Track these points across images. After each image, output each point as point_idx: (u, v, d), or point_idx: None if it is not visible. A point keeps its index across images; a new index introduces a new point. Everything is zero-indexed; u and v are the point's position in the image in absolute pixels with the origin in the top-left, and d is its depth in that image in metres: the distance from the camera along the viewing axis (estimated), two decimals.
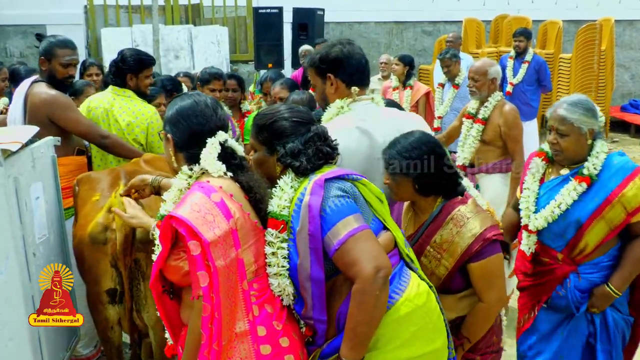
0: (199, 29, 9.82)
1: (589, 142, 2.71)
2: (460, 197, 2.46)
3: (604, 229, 2.68)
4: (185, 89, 4.89)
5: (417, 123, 2.67)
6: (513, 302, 4.64)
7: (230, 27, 10.35)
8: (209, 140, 2.09)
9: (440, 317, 2.18)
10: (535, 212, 2.83)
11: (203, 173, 2.11)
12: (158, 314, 2.65)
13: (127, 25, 9.98)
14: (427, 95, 6.89)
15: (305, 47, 8.53)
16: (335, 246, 1.95)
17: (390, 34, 12.42)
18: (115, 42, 9.25)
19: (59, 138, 3.05)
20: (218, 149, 2.09)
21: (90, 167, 3.87)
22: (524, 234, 2.86)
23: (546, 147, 2.87)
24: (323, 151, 2.13)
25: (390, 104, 3.18)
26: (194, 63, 10.04)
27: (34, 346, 2.52)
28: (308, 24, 9.86)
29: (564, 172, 2.80)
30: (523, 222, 2.86)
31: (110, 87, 3.91)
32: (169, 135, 2.15)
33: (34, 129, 2.90)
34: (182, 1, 10.45)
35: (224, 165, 2.07)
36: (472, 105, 4.59)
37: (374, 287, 1.89)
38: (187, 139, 2.11)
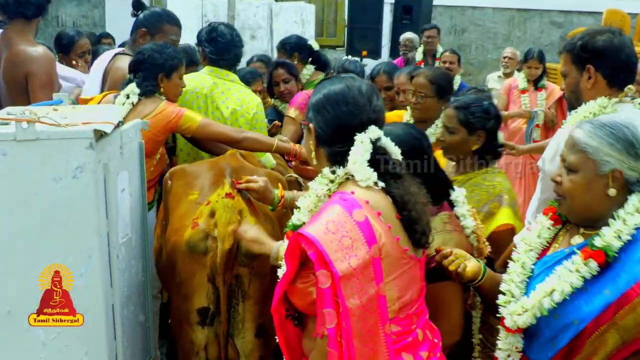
0: (281, 5, 9.96)
1: (611, 191, 2.06)
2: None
3: (616, 342, 2.01)
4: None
5: None
6: None
7: (318, 5, 10.43)
8: (358, 137, 2.03)
9: None
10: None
11: (348, 179, 2.06)
12: (255, 341, 2.72)
13: None
14: (560, 101, 6.78)
15: (408, 36, 8.52)
16: None
17: (510, 24, 12.26)
18: (182, 15, 9.43)
19: (148, 121, 3.13)
20: (369, 149, 2.03)
21: (171, 159, 3.96)
22: (501, 331, 2.26)
23: None
24: None
25: None
26: (272, 45, 10.17)
27: None
28: (413, 6, 9.84)
29: (578, 240, 2.18)
30: (501, 311, 2.24)
31: (209, 67, 3.98)
32: (311, 125, 2.12)
33: (120, 110, 2.99)
34: None
35: (374, 173, 2.01)
36: None
37: None
38: (332, 131, 2.07)
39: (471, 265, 2.28)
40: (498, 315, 2.25)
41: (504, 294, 2.23)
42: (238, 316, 2.76)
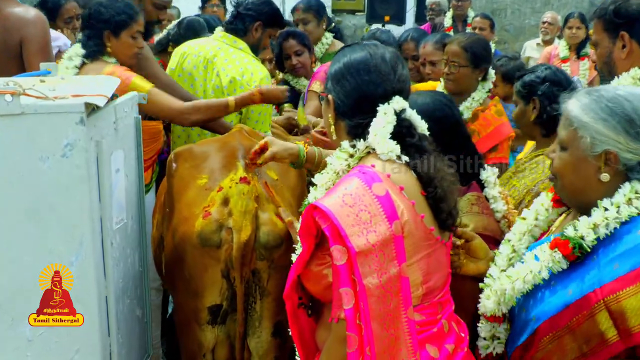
0: None
1: (603, 176, 1.96)
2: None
3: (573, 351, 1.93)
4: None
5: None
6: None
7: None
8: (381, 108, 2.05)
9: None
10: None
11: (369, 152, 2.07)
12: (271, 341, 2.71)
13: None
14: None
15: None
16: None
17: None
18: None
19: (146, 94, 3.09)
20: (393, 120, 2.03)
21: (168, 136, 3.94)
22: (481, 318, 2.26)
23: None
24: None
25: None
26: (284, 9, 10.10)
27: None
28: None
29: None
30: (481, 295, 2.25)
31: (220, 32, 3.98)
32: (330, 97, 2.13)
33: (116, 81, 2.95)
34: None
35: (397, 146, 2.01)
36: None
37: None
38: (353, 102, 2.10)
39: (471, 267, 2.29)
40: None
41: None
42: (255, 314, 2.73)
